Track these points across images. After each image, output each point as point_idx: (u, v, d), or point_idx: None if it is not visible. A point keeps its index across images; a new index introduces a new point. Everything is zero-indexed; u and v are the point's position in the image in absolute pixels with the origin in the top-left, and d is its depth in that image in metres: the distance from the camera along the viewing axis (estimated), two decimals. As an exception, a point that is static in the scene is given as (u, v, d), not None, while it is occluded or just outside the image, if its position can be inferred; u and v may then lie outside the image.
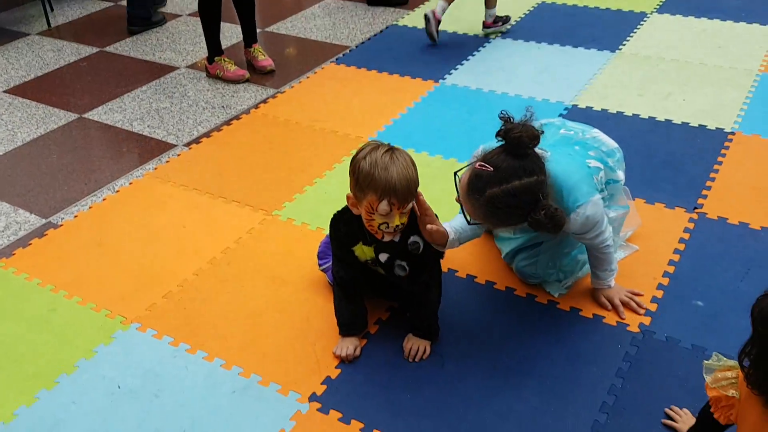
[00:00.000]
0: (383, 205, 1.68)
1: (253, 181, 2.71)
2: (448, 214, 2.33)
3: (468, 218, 1.79)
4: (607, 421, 1.68)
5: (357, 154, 1.74)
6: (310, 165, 2.78)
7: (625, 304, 1.97)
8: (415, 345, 1.90)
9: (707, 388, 1.40)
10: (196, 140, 3.04)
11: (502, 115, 1.74)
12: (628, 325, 1.94)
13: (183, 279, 2.22)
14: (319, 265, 2.14)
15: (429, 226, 1.78)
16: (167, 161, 2.89)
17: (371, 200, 1.69)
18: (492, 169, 1.66)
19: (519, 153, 1.67)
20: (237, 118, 3.20)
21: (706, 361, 1.44)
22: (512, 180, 1.65)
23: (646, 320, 1.95)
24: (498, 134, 1.71)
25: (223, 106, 3.32)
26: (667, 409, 1.69)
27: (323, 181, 2.67)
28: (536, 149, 1.73)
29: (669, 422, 1.66)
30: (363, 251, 1.86)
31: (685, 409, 1.68)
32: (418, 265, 1.85)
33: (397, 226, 1.72)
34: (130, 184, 2.75)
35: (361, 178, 1.69)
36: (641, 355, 1.85)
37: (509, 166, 1.66)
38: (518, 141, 1.66)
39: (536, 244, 2.06)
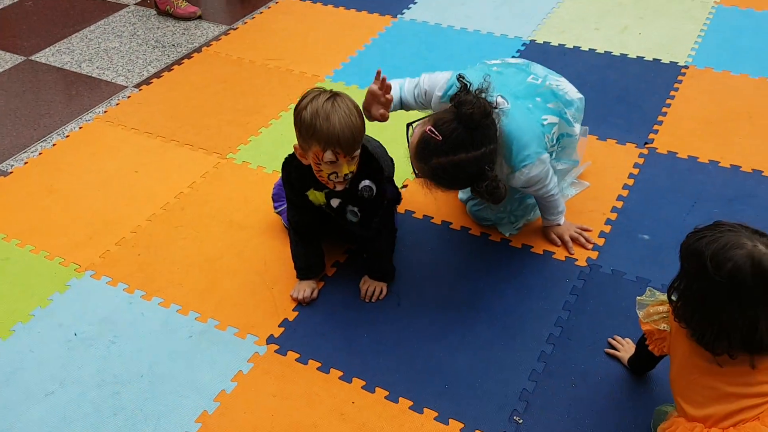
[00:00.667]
0: (328, 155, 1.66)
1: (206, 123, 2.66)
2: (402, 154, 2.34)
3: (415, 172, 1.80)
4: (553, 352, 1.75)
5: (299, 103, 1.70)
6: (264, 106, 2.73)
7: (574, 240, 2.03)
8: (371, 286, 1.94)
9: (641, 323, 1.46)
10: (147, 81, 2.95)
11: (459, 79, 1.73)
12: (577, 259, 2.00)
13: (136, 225, 2.20)
14: (275, 207, 2.14)
15: (381, 112, 1.85)
16: (117, 104, 2.82)
17: (316, 151, 1.67)
18: (440, 138, 1.66)
19: (469, 125, 1.66)
20: (188, 57, 3.11)
21: (639, 297, 1.50)
22: (459, 152, 1.65)
23: (594, 254, 2.01)
24: (452, 100, 1.70)
25: (173, 45, 3.22)
26: (610, 339, 1.76)
27: (278, 122, 2.64)
28: (498, 97, 1.74)
29: (612, 351, 1.74)
30: (315, 196, 1.86)
31: (627, 339, 1.75)
32: (370, 210, 1.86)
33: (346, 175, 1.71)
34: (80, 128, 2.68)
35: (304, 129, 1.67)
36: (587, 288, 1.91)
37: (458, 137, 1.65)
38: (469, 118, 1.65)
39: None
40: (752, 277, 1.19)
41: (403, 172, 2.26)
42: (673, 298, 1.33)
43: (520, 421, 1.60)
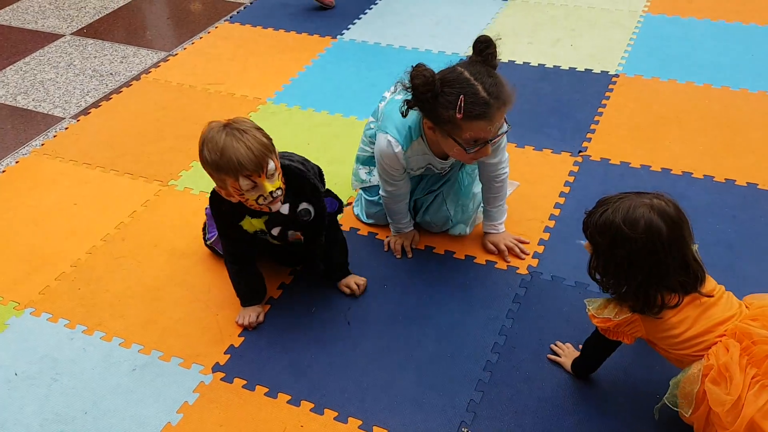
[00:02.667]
0: (243, 182, 1.63)
1: (146, 150, 2.64)
2: (349, 173, 2.36)
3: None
4: (499, 360, 1.78)
5: (199, 148, 1.67)
6: (205, 131, 2.72)
7: (510, 249, 2.07)
8: (352, 283, 1.98)
9: (599, 320, 1.52)
10: (85, 112, 2.91)
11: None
12: (518, 268, 2.04)
13: (76, 259, 2.16)
14: (206, 240, 2.10)
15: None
16: (55, 136, 2.77)
17: (232, 184, 1.64)
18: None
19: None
20: (127, 85, 3.08)
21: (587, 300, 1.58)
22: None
23: (534, 262, 2.06)
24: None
25: (111, 74, 3.19)
26: (552, 345, 1.80)
27: (220, 147, 2.63)
28: None
29: (554, 357, 1.78)
30: (251, 224, 1.83)
31: (567, 344, 1.79)
32: (313, 230, 1.87)
33: (272, 192, 1.67)
34: (17, 162, 2.63)
35: (210, 169, 1.65)
36: (529, 296, 1.95)
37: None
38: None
39: (433, 190, 2.12)
40: (664, 224, 1.35)
41: (347, 187, 2.30)
42: (597, 278, 1.44)
43: (468, 432, 1.63)
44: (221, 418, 1.68)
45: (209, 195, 1.83)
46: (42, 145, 2.72)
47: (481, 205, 2.14)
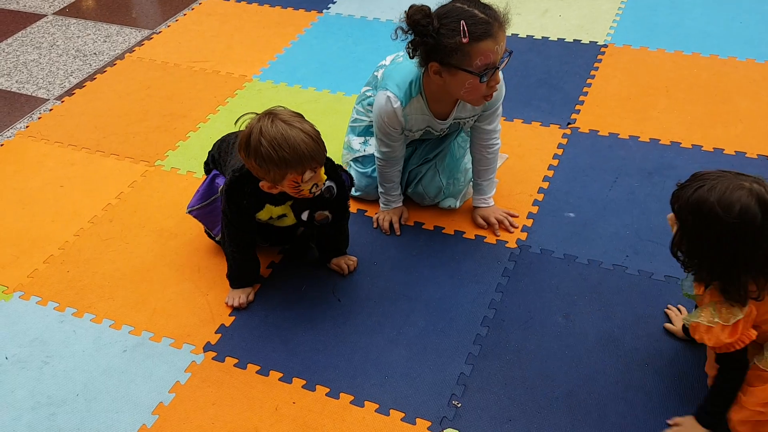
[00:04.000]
0: (308, 175, 1.62)
1: (132, 131, 2.61)
2: (339, 150, 2.35)
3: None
4: (488, 334, 1.79)
5: (242, 141, 1.61)
6: (191, 109, 2.69)
7: (499, 222, 2.07)
8: (343, 263, 1.97)
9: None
10: (69, 92, 2.88)
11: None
12: (507, 242, 2.05)
13: (64, 241, 2.15)
14: (215, 237, 2.03)
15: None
16: (39, 117, 2.74)
17: (293, 177, 1.62)
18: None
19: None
20: (111, 64, 3.04)
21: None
22: None
23: (523, 236, 2.06)
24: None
25: (95, 53, 3.14)
26: (666, 310, 1.79)
27: (207, 125, 2.61)
28: None
29: (669, 326, 1.75)
30: (270, 211, 1.82)
31: (680, 305, 1.78)
32: (339, 209, 1.87)
33: (324, 179, 1.70)
34: (1, 145, 2.60)
35: (272, 164, 1.59)
36: (518, 269, 1.96)
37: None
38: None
39: (427, 160, 2.12)
40: (761, 212, 1.26)
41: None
42: (679, 256, 1.38)
43: (459, 405, 1.63)
44: (214, 397, 1.69)
45: (225, 192, 1.77)
46: (26, 127, 2.69)
47: (471, 180, 2.13)
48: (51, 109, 2.78)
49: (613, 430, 1.55)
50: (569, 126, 2.47)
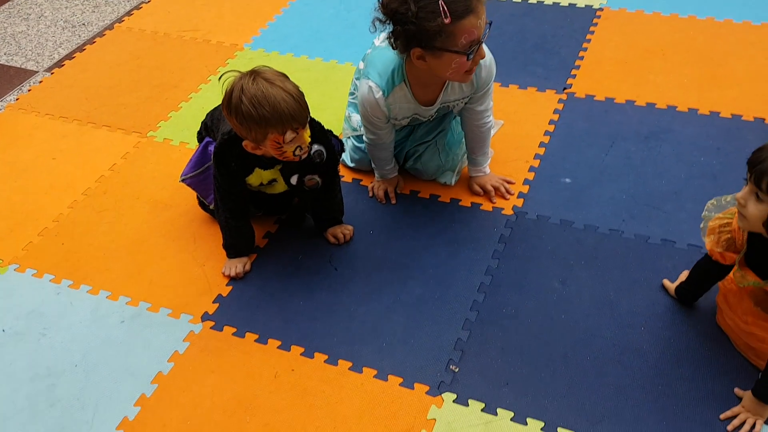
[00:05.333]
0: (289, 135, 1.60)
1: (123, 102, 2.58)
2: (332, 119, 2.33)
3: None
4: (485, 300, 1.80)
5: (225, 99, 1.60)
6: (182, 79, 2.66)
7: (496, 189, 2.06)
8: (339, 232, 1.96)
9: (710, 244, 1.50)
10: (59, 64, 2.84)
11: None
12: (503, 209, 2.04)
13: (58, 214, 2.14)
14: (208, 205, 2.01)
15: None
16: (29, 90, 2.70)
17: (274, 137, 1.60)
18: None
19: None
20: (100, 35, 2.99)
21: (704, 213, 1.55)
22: None
23: (519, 202, 2.05)
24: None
25: (83, 24, 3.09)
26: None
27: (199, 95, 2.58)
28: None
29: (666, 282, 1.77)
30: (260, 176, 1.80)
31: (684, 271, 1.77)
32: (329, 173, 1.85)
33: (308, 142, 1.66)
34: (-9, 118, 2.57)
35: (252, 123, 1.57)
36: (515, 236, 1.96)
37: None
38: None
39: (426, 141, 2.10)
40: None
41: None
42: None
43: (457, 369, 1.65)
44: (213, 365, 1.69)
45: (214, 157, 1.76)
46: (17, 99, 2.65)
47: (466, 153, 2.11)
48: (41, 81, 2.74)
49: (609, 391, 1.57)
50: (565, 91, 2.45)
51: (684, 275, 1.75)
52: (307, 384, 1.64)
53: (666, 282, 1.77)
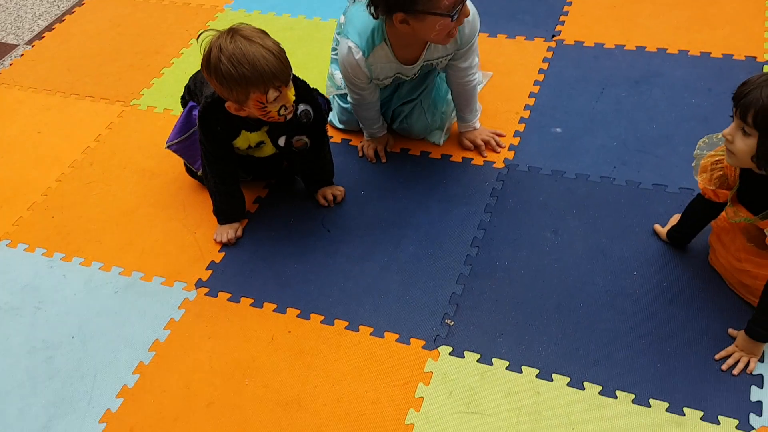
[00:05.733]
0: (272, 93, 1.56)
1: (105, 71, 2.54)
2: (317, 78, 2.30)
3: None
4: (479, 254, 1.80)
5: (204, 60, 1.56)
6: (164, 45, 2.61)
7: (486, 143, 2.04)
8: (329, 193, 1.95)
9: (702, 182, 1.49)
10: (39, 36, 2.78)
11: None
12: (494, 162, 2.02)
13: (46, 188, 2.12)
14: (196, 171, 1.98)
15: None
16: (11, 64, 2.66)
17: (257, 97, 1.56)
18: None
19: None
20: (79, 4, 2.93)
21: (696, 152, 1.53)
22: None
23: (510, 155, 2.04)
24: None
25: (61, -7, 3.03)
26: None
27: (180, 60, 2.53)
28: None
29: (657, 226, 1.76)
30: (247, 138, 1.77)
31: (675, 215, 1.76)
32: (317, 134, 1.82)
33: (293, 101, 1.63)
34: (-26, 94, 2.54)
35: (232, 82, 1.53)
36: (506, 188, 1.95)
37: None
38: None
39: (411, 100, 2.06)
40: None
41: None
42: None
43: (452, 323, 1.65)
44: (209, 331, 1.70)
45: (198, 121, 1.73)
46: (-3, 74, 2.62)
47: (454, 109, 2.08)
48: (22, 55, 2.70)
49: (602, 336, 1.58)
50: (554, 38, 2.41)
51: (675, 219, 1.75)
52: (304, 345, 1.65)
53: (657, 227, 1.77)
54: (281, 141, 1.78)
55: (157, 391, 1.59)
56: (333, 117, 2.19)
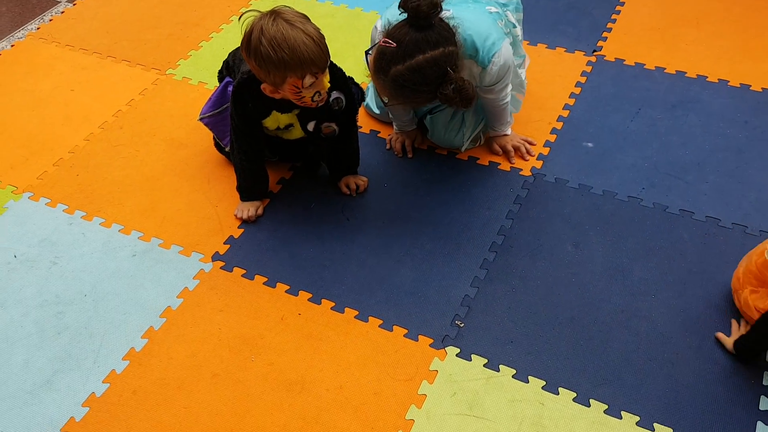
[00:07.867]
0: (308, 79, 1.56)
1: (144, 37, 2.55)
2: (354, 67, 2.30)
3: (383, 99, 1.74)
4: (495, 259, 1.79)
5: (244, 40, 1.56)
6: (204, 18, 2.62)
7: (516, 149, 2.03)
8: (352, 182, 1.94)
9: None
10: (81, -5, 2.81)
11: None
12: (521, 169, 2.01)
13: (74, 145, 2.13)
14: (224, 147, 1.99)
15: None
16: (51, 20, 2.68)
17: (293, 81, 1.56)
18: (395, 45, 1.59)
19: (421, 24, 1.59)
20: (124, -32, 2.95)
21: None
22: (416, 55, 1.59)
23: (538, 164, 2.02)
24: (399, 5, 1.62)
25: (108, -44, 3.04)
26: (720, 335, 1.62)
27: (220, 35, 2.54)
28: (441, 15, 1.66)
29: (721, 335, 1.58)
30: (277, 119, 1.78)
31: (743, 320, 1.61)
32: (347, 121, 1.82)
33: (327, 88, 1.63)
34: (12, 46, 2.55)
35: (271, 65, 1.53)
36: (531, 197, 1.93)
37: (412, 40, 1.59)
38: (416, 11, 1.57)
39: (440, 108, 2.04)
40: None
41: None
42: None
43: (462, 324, 1.65)
44: (221, 304, 1.71)
45: (232, 95, 1.74)
46: (38, 28, 2.63)
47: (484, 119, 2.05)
48: (63, 12, 2.72)
49: (613, 355, 1.57)
50: (594, 53, 2.39)
51: (735, 326, 1.60)
52: (312, 328, 1.65)
53: (721, 335, 1.58)
54: (310, 126, 1.78)
55: (164, 357, 1.60)
56: (370, 101, 2.18)
